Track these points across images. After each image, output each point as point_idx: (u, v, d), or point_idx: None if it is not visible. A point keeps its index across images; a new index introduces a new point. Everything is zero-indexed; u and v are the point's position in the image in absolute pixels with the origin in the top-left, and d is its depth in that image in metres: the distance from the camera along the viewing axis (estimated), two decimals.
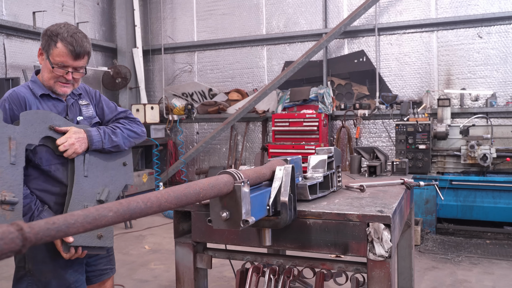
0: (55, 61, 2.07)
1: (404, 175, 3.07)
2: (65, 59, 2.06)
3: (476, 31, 6.59)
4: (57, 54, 2.05)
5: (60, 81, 2.11)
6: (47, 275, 2.09)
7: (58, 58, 2.06)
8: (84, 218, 0.95)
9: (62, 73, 2.09)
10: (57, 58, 2.06)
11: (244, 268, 2.10)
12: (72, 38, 2.06)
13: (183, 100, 8.38)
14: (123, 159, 2.34)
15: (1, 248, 0.77)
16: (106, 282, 2.41)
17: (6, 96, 2.06)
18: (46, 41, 2.07)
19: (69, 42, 2.05)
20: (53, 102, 2.17)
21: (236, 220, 1.52)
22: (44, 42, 2.08)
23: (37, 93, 2.11)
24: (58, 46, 2.05)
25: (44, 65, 2.11)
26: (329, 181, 2.31)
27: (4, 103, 2.04)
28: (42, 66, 2.13)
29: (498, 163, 5.52)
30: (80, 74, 2.15)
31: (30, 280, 2.09)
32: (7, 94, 2.07)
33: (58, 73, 2.09)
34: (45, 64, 2.10)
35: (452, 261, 4.64)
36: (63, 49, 2.05)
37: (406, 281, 3.29)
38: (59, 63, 2.07)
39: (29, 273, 2.08)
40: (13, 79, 5.53)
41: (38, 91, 2.12)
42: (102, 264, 2.37)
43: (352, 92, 7.36)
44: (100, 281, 2.37)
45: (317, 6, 7.52)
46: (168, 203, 1.18)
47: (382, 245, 1.78)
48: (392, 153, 6.83)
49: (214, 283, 4.10)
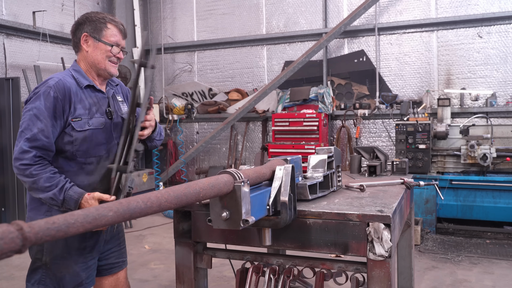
0: (111, 41, 2.11)
1: (404, 175, 3.07)
2: (118, 38, 2.13)
3: (476, 30, 6.59)
4: (110, 34, 2.11)
5: (112, 61, 2.14)
6: (62, 270, 2.09)
7: (112, 38, 2.11)
8: (84, 217, 0.95)
9: (118, 51, 2.14)
10: (112, 38, 2.11)
11: (244, 268, 2.10)
12: (116, 18, 2.17)
13: (183, 100, 8.38)
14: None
15: (1, 248, 0.77)
16: (119, 274, 2.40)
17: (52, 84, 2.00)
18: (92, 26, 2.09)
19: (117, 22, 2.15)
20: (96, 94, 2.16)
21: (236, 220, 1.52)
22: (90, 28, 2.09)
23: (82, 84, 2.09)
24: (109, 27, 2.11)
25: (95, 48, 2.11)
26: (329, 181, 2.31)
27: (49, 90, 1.98)
28: (90, 52, 2.11)
29: (498, 163, 5.52)
30: (124, 53, 2.21)
31: (45, 272, 2.07)
32: (52, 81, 2.01)
33: (114, 52, 2.12)
34: (97, 47, 2.10)
35: (452, 261, 4.64)
36: (115, 29, 2.12)
37: (406, 280, 3.29)
38: (114, 42, 2.12)
39: (45, 266, 2.07)
40: (13, 79, 5.53)
41: (83, 82, 2.10)
42: (113, 257, 2.36)
43: (352, 92, 7.36)
44: (111, 274, 2.37)
45: (317, 6, 7.52)
46: (168, 203, 1.18)
47: (382, 244, 1.78)
48: (392, 153, 6.84)
49: (214, 283, 4.10)
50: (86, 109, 2.08)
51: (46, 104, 1.96)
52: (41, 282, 2.06)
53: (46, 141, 1.95)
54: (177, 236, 2.17)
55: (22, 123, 1.97)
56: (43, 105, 1.95)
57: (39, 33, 6.68)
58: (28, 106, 1.99)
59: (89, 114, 2.09)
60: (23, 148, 1.92)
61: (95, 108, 2.12)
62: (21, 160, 1.92)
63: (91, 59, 2.12)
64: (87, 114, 2.08)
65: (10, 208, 5.51)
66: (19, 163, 1.93)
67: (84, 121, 2.06)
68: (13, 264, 4.70)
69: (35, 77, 5.62)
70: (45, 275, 2.07)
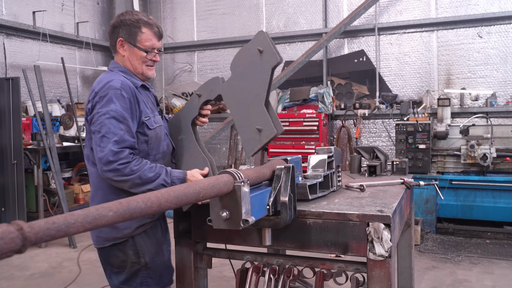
0: (145, 46, 2.08)
1: (404, 175, 3.07)
2: (153, 42, 2.10)
3: (476, 30, 6.59)
4: (145, 39, 2.08)
5: (148, 64, 2.13)
6: (160, 268, 2.10)
7: (147, 42, 2.08)
8: (84, 217, 0.95)
9: (153, 55, 2.12)
10: (146, 43, 2.08)
11: (244, 268, 2.10)
12: (151, 20, 2.11)
13: (183, 100, 8.38)
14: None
15: (1, 248, 0.77)
16: None
17: (117, 85, 1.97)
18: (127, 31, 2.07)
19: (152, 25, 2.09)
20: (146, 92, 2.17)
21: (236, 220, 1.52)
22: (124, 32, 2.07)
23: (137, 84, 2.09)
24: (144, 31, 2.08)
25: (131, 53, 2.09)
26: (329, 181, 2.31)
27: (120, 92, 1.96)
28: (126, 56, 2.10)
29: (498, 163, 5.51)
30: (160, 54, 2.22)
31: (145, 274, 2.05)
32: (116, 83, 1.97)
33: (150, 57, 2.11)
34: (133, 52, 2.09)
35: (452, 261, 4.64)
36: (150, 33, 2.09)
37: (406, 280, 3.29)
38: (149, 47, 2.09)
39: (145, 267, 2.05)
40: (13, 79, 5.53)
41: (137, 82, 2.11)
42: None
43: (352, 91, 7.36)
44: None
45: (317, 5, 7.52)
46: (168, 203, 1.18)
47: (382, 244, 1.78)
48: (392, 152, 6.83)
49: (214, 282, 4.10)
50: (148, 108, 2.10)
51: (123, 105, 1.94)
52: (143, 283, 2.05)
53: (133, 140, 1.95)
54: (177, 236, 2.17)
55: (100, 128, 1.91)
56: (119, 107, 1.93)
57: (39, 33, 6.69)
58: (101, 110, 1.93)
59: (152, 113, 2.11)
60: (114, 150, 1.88)
61: (152, 106, 2.16)
62: (117, 161, 1.87)
63: (129, 64, 2.12)
64: (151, 112, 2.10)
65: (10, 208, 5.51)
66: (116, 164, 1.87)
67: (152, 119, 2.09)
68: (13, 264, 4.70)
69: (35, 77, 5.62)
70: (146, 275, 2.06)
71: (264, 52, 1.90)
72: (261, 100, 1.92)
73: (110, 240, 2.03)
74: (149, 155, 2.08)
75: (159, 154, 2.12)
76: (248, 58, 1.96)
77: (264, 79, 1.91)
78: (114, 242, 2.03)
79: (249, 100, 1.96)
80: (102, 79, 2.03)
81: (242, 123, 2.00)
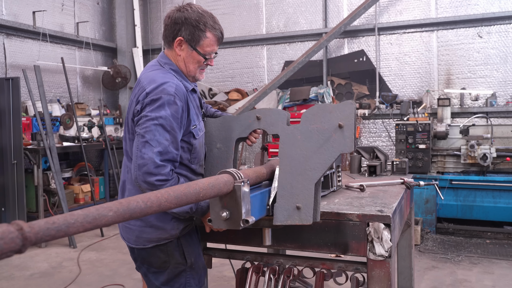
0: (206, 52, 1.97)
1: (404, 175, 3.07)
2: (214, 47, 1.98)
3: (476, 30, 6.58)
4: (207, 44, 1.96)
5: (202, 68, 2.04)
6: (200, 268, 2.09)
7: (208, 48, 1.97)
8: (84, 217, 0.95)
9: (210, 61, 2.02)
10: (208, 48, 1.96)
11: (244, 268, 2.10)
12: (216, 24, 1.98)
13: None
14: None
15: (1, 248, 0.77)
16: None
17: (172, 91, 1.85)
18: (190, 32, 1.92)
19: (217, 29, 1.97)
20: (194, 96, 2.06)
21: (236, 220, 1.51)
22: (187, 32, 1.93)
23: (188, 88, 1.98)
24: (208, 36, 1.95)
25: (188, 55, 1.97)
26: (329, 181, 2.31)
27: (173, 98, 1.84)
28: (183, 56, 1.98)
29: (498, 163, 5.51)
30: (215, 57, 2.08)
31: (189, 274, 2.03)
32: (171, 88, 1.86)
33: (207, 62, 2.01)
34: (191, 55, 1.97)
35: (452, 261, 4.64)
36: (213, 38, 1.97)
37: (406, 280, 3.29)
38: (209, 52, 1.98)
39: (190, 268, 2.02)
40: (13, 79, 5.53)
41: (188, 86, 2.00)
42: None
43: (352, 91, 7.36)
44: None
45: (317, 5, 7.52)
46: (168, 203, 1.18)
47: (382, 244, 1.78)
48: (392, 152, 6.83)
49: (214, 282, 4.10)
50: (195, 114, 2.00)
51: (173, 114, 1.84)
52: (187, 284, 2.02)
53: (176, 153, 1.85)
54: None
55: (145, 133, 1.81)
56: (169, 115, 1.82)
57: (39, 33, 6.68)
58: (150, 114, 1.82)
59: (197, 119, 2.01)
60: (157, 162, 1.77)
61: (197, 111, 2.05)
62: (156, 176, 1.77)
63: (183, 65, 2.00)
64: (197, 119, 2.01)
65: (10, 208, 5.51)
66: (156, 178, 1.77)
67: (198, 127, 2.00)
68: (13, 264, 4.70)
69: (35, 77, 5.62)
70: (189, 276, 2.03)
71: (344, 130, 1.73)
72: (314, 178, 1.75)
73: (153, 241, 1.96)
74: (191, 164, 2.00)
75: (199, 163, 2.05)
76: (325, 124, 1.77)
77: (327, 159, 1.74)
78: (157, 243, 1.96)
79: (303, 167, 1.77)
80: (155, 78, 1.90)
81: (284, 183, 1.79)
